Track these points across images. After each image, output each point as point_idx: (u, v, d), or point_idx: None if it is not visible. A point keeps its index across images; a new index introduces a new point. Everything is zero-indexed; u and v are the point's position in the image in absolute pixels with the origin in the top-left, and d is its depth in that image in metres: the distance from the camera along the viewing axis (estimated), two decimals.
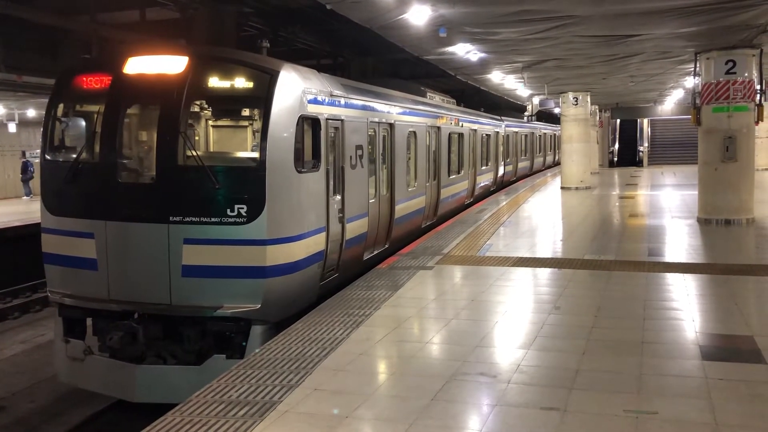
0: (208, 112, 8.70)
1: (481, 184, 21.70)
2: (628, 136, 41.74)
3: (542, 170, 37.21)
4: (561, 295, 8.71)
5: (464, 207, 19.02)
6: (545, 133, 39.47)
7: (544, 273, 10.15)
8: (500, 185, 25.48)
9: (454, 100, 19.70)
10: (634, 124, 41.55)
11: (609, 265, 10.48)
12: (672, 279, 9.47)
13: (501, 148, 25.64)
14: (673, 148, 39.81)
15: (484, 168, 22.12)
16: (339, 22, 12.92)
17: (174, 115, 7.81)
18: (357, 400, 5.33)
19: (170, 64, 7.95)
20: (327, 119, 8.88)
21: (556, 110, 29.91)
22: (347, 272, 9.82)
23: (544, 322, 7.40)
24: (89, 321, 8.32)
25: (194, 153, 7.75)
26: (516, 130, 29.15)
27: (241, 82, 8.01)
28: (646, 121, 40.55)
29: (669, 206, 18.45)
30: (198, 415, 5.08)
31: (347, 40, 16.94)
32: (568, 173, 24.81)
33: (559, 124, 41.58)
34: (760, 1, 10.32)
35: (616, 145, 41.65)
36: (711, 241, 12.81)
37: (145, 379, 7.67)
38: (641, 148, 40.54)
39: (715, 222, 14.52)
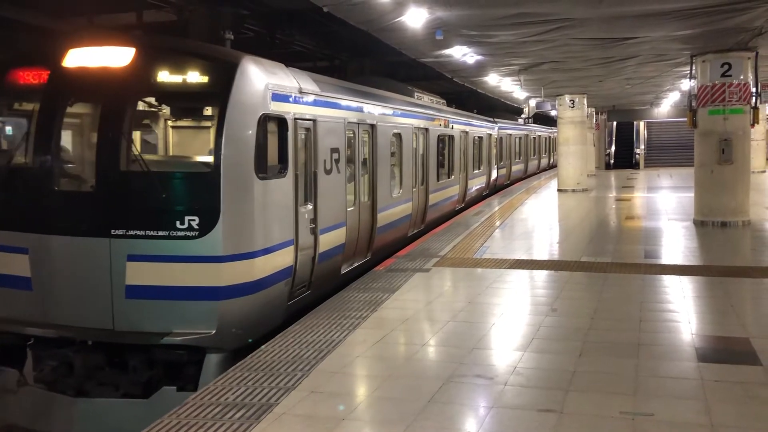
0: (166, 112, 8.04)
1: (473, 189, 20.93)
2: (625, 138, 41.82)
3: (537, 173, 36.62)
4: (557, 297, 8.72)
5: (455, 213, 18.23)
6: (540, 136, 38.65)
7: (541, 275, 10.17)
8: (493, 189, 24.87)
9: (444, 101, 18.97)
10: (630, 127, 41.63)
11: (605, 267, 10.50)
12: (668, 281, 9.49)
13: (494, 151, 24.85)
14: (670, 151, 39.91)
15: (476, 172, 21.30)
16: (336, 25, 12.93)
17: (118, 114, 7.02)
18: (353, 402, 5.33)
19: (115, 56, 7.09)
20: (296, 119, 8.05)
21: (553, 113, 29.96)
22: (322, 288, 8.96)
23: (541, 324, 7.41)
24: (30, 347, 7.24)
25: (139, 157, 6.92)
26: (510, 132, 28.63)
27: (195, 76, 7.11)
28: (642, 123, 40.64)
29: (665, 208, 18.49)
30: (194, 417, 5.07)
31: (344, 42, 16.95)
32: (565, 175, 24.85)
33: (553, 126, 41.80)
34: (756, 4, 10.36)
35: (613, 148, 41.73)
36: (707, 243, 12.84)
37: (85, 415, 6.72)
38: (637, 151, 40.62)
39: (711, 224, 14.55)
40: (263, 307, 7.34)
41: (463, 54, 14.58)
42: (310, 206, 8.47)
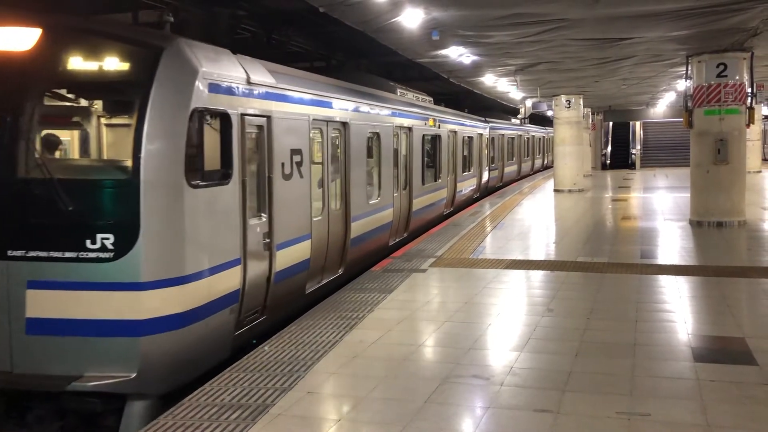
0: (78, 106, 6.91)
1: (462, 192, 20.00)
2: (621, 138, 41.91)
3: (531, 174, 36.05)
4: (554, 297, 8.72)
5: (443, 218, 17.23)
6: (534, 136, 37.91)
7: (538, 275, 10.17)
8: (485, 192, 24.14)
9: (431, 99, 18.07)
10: (626, 127, 41.74)
11: (602, 267, 10.51)
12: (664, 281, 9.51)
13: (485, 152, 24.00)
14: (666, 151, 40.03)
15: (465, 174, 20.31)
16: (333, 25, 12.92)
17: (17, 109, 5.90)
18: (350, 403, 5.33)
19: (15, 39, 5.99)
20: (243, 115, 6.93)
21: (549, 113, 30.00)
22: (281, 311, 7.97)
23: (537, 324, 7.42)
24: None
25: (41, 161, 5.84)
26: (502, 132, 27.99)
27: (113, 63, 6.03)
28: (638, 123, 40.77)
29: (661, 208, 18.52)
30: (190, 418, 5.06)
31: (341, 42, 16.95)
32: (561, 176, 24.88)
33: (548, 126, 41.81)
34: (751, 4, 10.39)
35: (609, 148, 41.81)
36: (703, 243, 12.86)
37: None
38: (634, 151, 40.73)
39: (707, 224, 14.58)
40: (200, 342, 6.20)
41: (459, 54, 14.59)
42: (263, 218, 7.41)
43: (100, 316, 5.68)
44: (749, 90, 14.58)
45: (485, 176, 24.05)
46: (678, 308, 8.07)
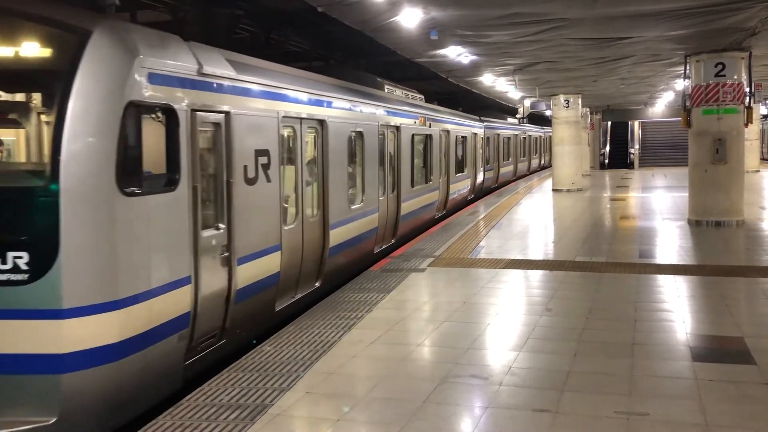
0: (37, 102, 6.02)
1: (456, 194, 19.17)
2: (619, 138, 41.91)
3: (527, 175, 35.60)
4: (552, 297, 8.72)
5: (434, 221, 16.50)
6: (530, 135, 37.34)
7: (536, 275, 10.17)
8: (479, 193, 23.37)
9: (422, 96, 17.28)
10: (625, 127, 41.74)
11: (600, 266, 10.51)
12: (663, 280, 9.51)
13: (480, 152, 23.25)
14: (664, 150, 40.04)
15: (459, 175, 19.52)
16: (331, 25, 12.92)
17: None
18: (349, 403, 5.33)
19: None
20: (195, 110, 6.10)
21: (548, 112, 30.00)
22: (245, 333, 7.22)
23: (536, 324, 7.42)
24: None
25: None
26: (498, 131, 27.30)
27: (30, 48, 5.22)
28: (636, 123, 40.78)
29: (660, 208, 18.53)
30: (189, 418, 5.06)
31: (339, 42, 16.95)
32: (560, 175, 24.90)
33: (546, 125, 41.77)
34: (749, 4, 10.39)
35: (607, 147, 41.81)
36: (701, 242, 12.87)
37: None
38: (632, 150, 40.73)
39: (705, 224, 14.59)
40: (140, 376, 5.41)
41: (457, 54, 14.59)
42: (221, 228, 6.58)
43: (13, 349, 4.86)
44: (747, 89, 14.59)
45: (480, 177, 23.40)
46: (676, 308, 8.07)
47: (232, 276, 6.71)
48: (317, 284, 9.22)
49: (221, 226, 6.63)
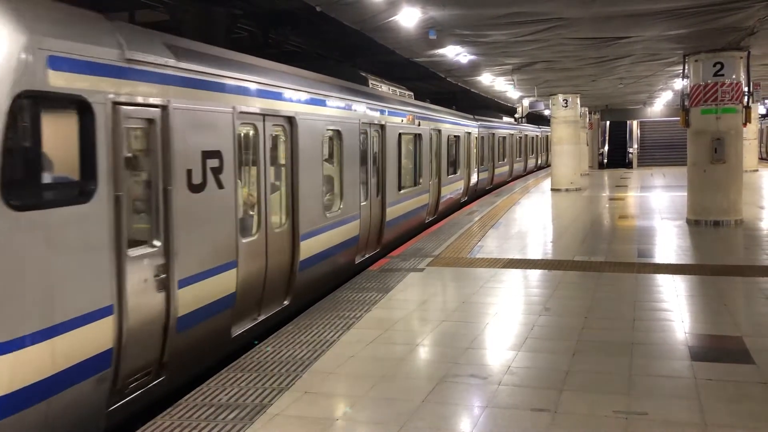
0: None
1: (448, 196, 18.32)
2: (618, 137, 41.97)
3: (523, 176, 34.83)
4: (551, 296, 8.72)
5: (424, 226, 15.74)
6: (527, 135, 36.55)
7: (535, 274, 10.17)
8: (473, 195, 22.61)
9: (411, 93, 16.38)
10: (623, 126, 41.79)
11: (599, 266, 10.52)
12: (661, 280, 9.51)
13: (474, 152, 22.46)
14: (663, 150, 40.06)
15: (451, 176, 18.63)
16: (329, 25, 12.91)
17: None
18: (347, 403, 5.32)
19: None
20: (117, 104, 5.14)
21: (546, 112, 30.00)
22: (191, 366, 6.29)
23: (535, 324, 7.42)
24: None
25: None
26: (493, 130, 26.56)
27: None
28: (635, 122, 40.82)
29: (658, 207, 18.54)
30: (188, 418, 5.05)
31: (338, 42, 16.95)
32: (558, 175, 24.92)
33: (543, 124, 41.73)
34: (747, 4, 10.40)
35: (606, 147, 41.86)
36: (700, 242, 12.88)
37: None
38: (631, 150, 40.80)
39: (704, 223, 14.60)
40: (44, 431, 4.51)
41: (456, 53, 14.59)
42: (156, 246, 5.65)
43: None
44: (746, 89, 14.59)
45: (474, 178, 22.65)
46: (675, 307, 8.07)
47: (171, 301, 5.77)
48: (286, 302, 8.23)
49: (156, 243, 5.66)
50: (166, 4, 11.90)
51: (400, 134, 13.42)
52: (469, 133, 21.80)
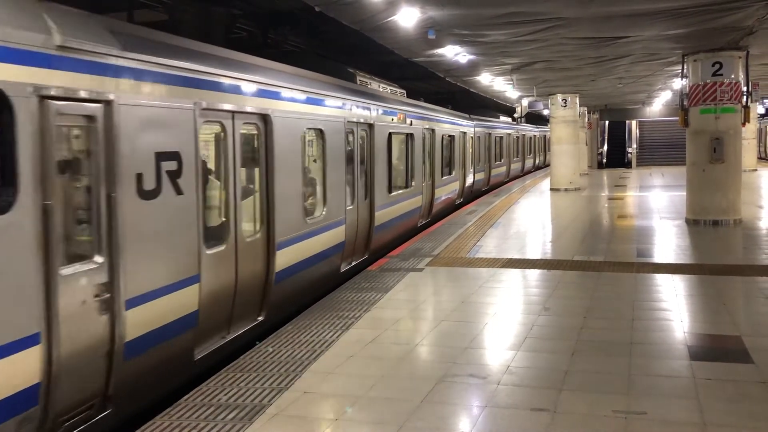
0: None
1: (442, 198, 17.70)
2: (617, 137, 41.98)
3: (521, 176, 34.30)
4: (550, 296, 8.73)
5: (417, 230, 14.98)
6: (524, 135, 35.83)
7: (534, 274, 10.18)
8: (469, 197, 22.05)
9: (403, 91, 15.81)
10: (622, 126, 41.79)
11: (598, 266, 10.52)
12: (660, 279, 9.52)
13: (470, 152, 21.91)
14: (662, 150, 40.09)
15: (445, 178, 18.01)
16: (328, 24, 12.92)
17: None
18: (347, 403, 5.32)
19: None
20: (46, 98, 4.51)
21: (545, 112, 29.99)
22: (147, 395, 5.73)
23: (534, 323, 7.42)
24: None
25: None
26: (489, 130, 26.02)
27: None
28: (634, 122, 40.84)
29: (657, 207, 18.55)
30: (187, 418, 5.05)
31: (337, 42, 16.95)
32: (557, 175, 24.93)
33: (540, 124, 41.65)
34: (746, 3, 10.41)
35: (605, 147, 41.86)
36: (699, 241, 12.88)
37: None
38: (630, 150, 40.82)
39: (703, 223, 14.61)
40: None
41: (455, 53, 14.59)
42: (97, 262, 5.01)
43: None
44: (745, 89, 14.60)
45: (469, 179, 22.02)
46: (674, 307, 8.08)
47: (117, 325, 5.13)
48: (261, 317, 7.58)
49: (98, 258, 5.01)
50: (164, 4, 11.91)
51: (390, 134, 12.83)
52: (465, 133, 21.34)
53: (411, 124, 14.37)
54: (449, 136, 18.75)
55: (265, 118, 7.63)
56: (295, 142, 8.43)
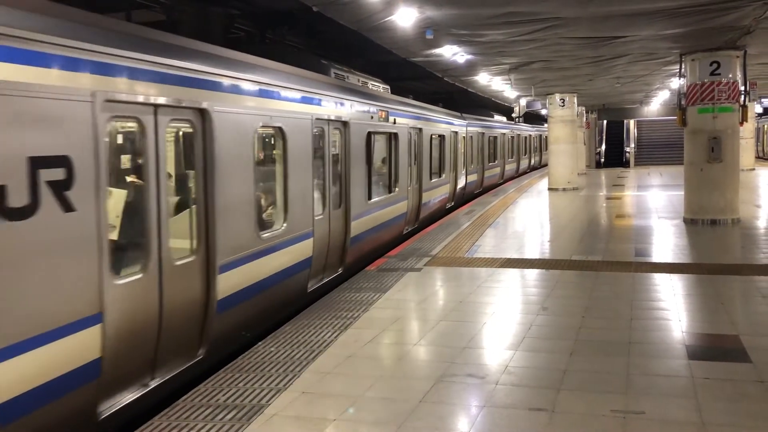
0: None
1: (431, 202, 16.54)
2: (615, 137, 42.05)
3: (516, 177, 33.39)
4: (549, 295, 8.73)
5: (402, 238, 13.93)
6: (519, 134, 34.80)
7: (532, 274, 10.18)
8: (461, 200, 21.12)
9: (387, 87, 14.93)
10: (620, 125, 41.86)
11: (596, 265, 10.53)
12: (659, 279, 9.53)
13: (462, 153, 20.99)
14: (660, 149, 40.15)
15: (434, 181, 16.86)
16: (327, 24, 12.91)
17: None
18: (345, 403, 5.32)
19: None
20: None
21: (543, 111, 30.01)
22: None
23: (532, 323, 7.42)
24: None
25: None
26: (483, 130, 25.10)
27: None
28: (632, 122, 40.89)
29: (655, 207, 18.57)
30: (185, 419, 5.05)
31: (335, 42, 16.95)
32: (555, 174, 24.95)
33: (536, 123, 41.58)
34: (744, 3, 10.42)
35: (603, 146, 41.93)
36: (697, 241, 12.89)
37: None
38: (628, 149, 40.89)
39: (701, 222, 14.63)
40: None
41: (453, 53, 14.59)
42: None
43: None
44: (742, 88, 14.63)
45: (461, 182, 21.09)
46: (672, 306, 8.08)
47: None
48: (200, 355, 6.36)
49: None
50: (162, 4, 11.90)
51: (369, 133, 11.50)
52: (456, 133, 20.33)
53: (394, 123, 13.13)
54: (439, 135, 17.81)
55: (202, 114, 6.33)
56: (244, 142, 7.08)
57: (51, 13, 4.72)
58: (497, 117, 30.11)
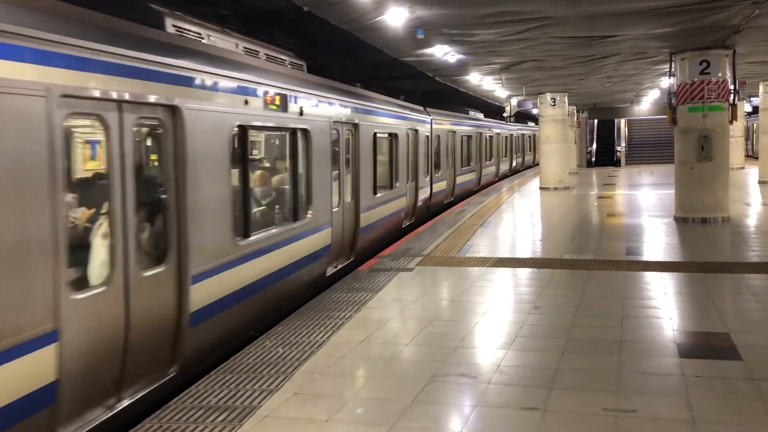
0: None
1: (375, 225, 12.53)
2: (606, 136, 42.21)
3: (495, 182, 29.27)
4: (540, 294, 8.74)
5: (324, 283, 9.82)
6: (499, 134, 30.62)
7: (524, 273, 10.20)
8: (422, 214, 17.14)
9: (302, 63, 10.25)
10: (611, 125, 42.03)
11: (588, 264, 10.55)
12: (650, 277, 9.56)
13: (424, 157, 17.11)
14: (650, 148, 40.35)
15: (381, 195, 12.85)
16: (317, 24, 12.89)
17: None
18: (337, 404, 5.31)
19: None
20: None
21: (534, 111, 30.06)
22: None
23: (524, 322, 7.43)
24: None
25: None
26: (453, 128, 21.03)
27: None
28: (623, 121, 41.09)
29: (646, 205, 18.64)
30: (176, 421, 5.02)
31: (326, 42, 16.92)
32: (547, 173, 25.02)
33: (521, 120, 41.56)
34: (732, 2, 10.47)
35: (594, 146, 42.06)
36: (688, 239, 12.95)
37: None
38: (619, 148, 41.06)
39: (691, 220, 14.70)
40: None
41: (444, 53, 14.61)
42: None
43: None
44: (732, 87, 14.70)
45: (424, 192, 17.13)
46: (663, 304, 8.11)
47: None
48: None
49: None
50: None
51: (242, 127, 7.27)
52: (417, 131, 16.31)
53: (302, 114, 8.94)
54: (389, 134, 13.92)
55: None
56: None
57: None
58: (473, 113, 26.09)
